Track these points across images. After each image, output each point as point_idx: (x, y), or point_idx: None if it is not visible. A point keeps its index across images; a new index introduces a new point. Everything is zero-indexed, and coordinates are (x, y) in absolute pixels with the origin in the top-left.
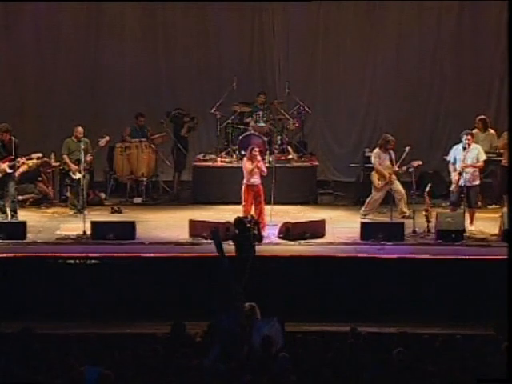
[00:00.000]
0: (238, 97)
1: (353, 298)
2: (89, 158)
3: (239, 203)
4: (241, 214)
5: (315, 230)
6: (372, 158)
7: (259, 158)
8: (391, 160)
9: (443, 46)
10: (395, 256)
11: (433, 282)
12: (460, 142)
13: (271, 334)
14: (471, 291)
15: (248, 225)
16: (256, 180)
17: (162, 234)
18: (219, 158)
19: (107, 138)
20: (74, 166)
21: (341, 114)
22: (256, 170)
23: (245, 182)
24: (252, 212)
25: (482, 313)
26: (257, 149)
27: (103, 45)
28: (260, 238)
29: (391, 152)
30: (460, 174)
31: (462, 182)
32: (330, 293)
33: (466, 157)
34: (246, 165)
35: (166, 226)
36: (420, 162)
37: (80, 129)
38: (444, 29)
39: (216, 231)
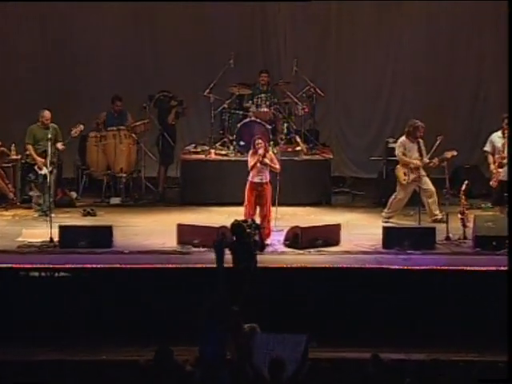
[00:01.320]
0: (235, 76)
1: (373, 317)
2: (60, 146)
3: (237, 204)
4: (241, 217)
5: (328, 236)
6: (397, 149)
7: (261, 151)
8: (420, 151)
9: (481, 21)
10: (424, 268)
11: (470, 298)
12: (500, 128)
13: (282, 355)
14: None
15: (248, 230)
16: (262, 178)
17: (144, 242)
18: (213, 150)
19: (81, 126)
20: (39, 159)
21: (359, 97)
22: (260, 165)
23: (249, 178)
24: (256, 215)
25: None
26: (260, 141)
27: (76, 15)
28: (262, 246)
29: (420, 141)
30: (500, 165)
31: (502, 176)
32: (346, 311)
33: (507, 145)
34: (249, 159)
35: (150, 231)
36: (455, 153)
37: (47, 113)
38: (481, 1)
39: (221, 241)
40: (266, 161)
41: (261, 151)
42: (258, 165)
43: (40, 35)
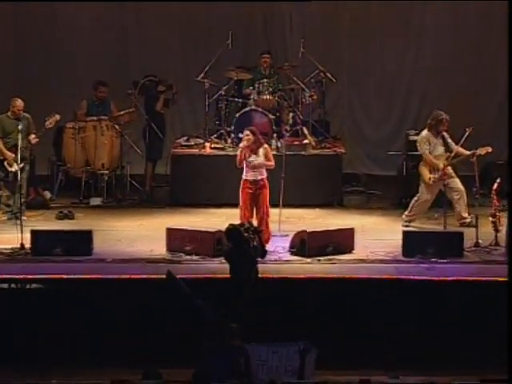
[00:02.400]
0: (233, 59)
1: (392, 336)
2: (33, 139)
3: (236, 205)
4: (236, 221)
5: (340, 242)
6: (420, 146)
7: (243, 143)
8: (446, 146)
9: None
10: (451, 279)
11: (503, 313)
12: None
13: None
14: None
15: (245, 234)
16: (256, 174)
17: (129, 249)
18: (208, 144)
19: (57, 116)
20: (9, 154)
21: (376, 83)
22: (247, 162)
23: (242, 176)
24: (253, 218)
25: None
26: (248, 132)
27: None
28: (263, 253)
29: (445, 135)
30: None
31: None
32: (361, 329)
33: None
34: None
35: (135, 236)
36: (489, 149)
37: (19, 102)
38: None
39: (171, 274)
40: (257, 159)
41: (242, 144)
42: (245, 162)
43: (12, 17)
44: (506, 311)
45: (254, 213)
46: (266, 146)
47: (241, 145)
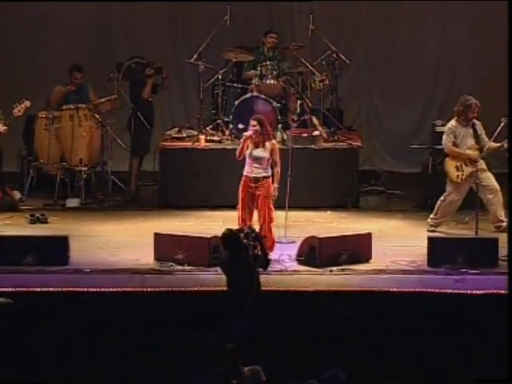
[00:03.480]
0: (232, 38)
1: (415, 355)
2: (1, 128)
3: (235, 207)
4: (235, 225)
5: (356, 250)
6: (445, 135)
7: (249, 132)
8: (477, 137)
9: None
10: (483, 292)
11: None
12: None
13: None
14: None
15: (245, 241)
16: (258, 171)
17: (111, 258)
18: (203, 136)
19: (27, 103)
20: None
21: (397, 65)
22: (249, 157)
23: (244, 172)
24: (252, 221)
25: None
26: (255, 122)
27: None
28: (265, 263)
29: (477, 124)
30: None
31: None
32: (379, 348)
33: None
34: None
35: (118, 243)
36: None
37: None
38: None
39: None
40: (261, 154)
41: (247, 133)
42: (247, 155)
43: None
44: None
45: (256, 216)
46: (274, 141)
47: (248, 133)
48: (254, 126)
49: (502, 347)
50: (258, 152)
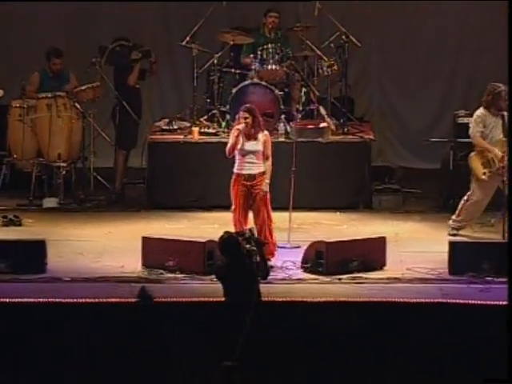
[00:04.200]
0: (229, 18)
1: (434, 374)
2: None
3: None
4: (232, 228)
5: (369, 255)
6: (473, 125)
7: (240, 126)
8: (505, 129)
9: None
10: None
11: None
12: None
13: None
14: None
15: (247, 246)
16: (252, 167)
17: (93, 265)
18: (196, 128)
19: (0, 92)
20: None
21: (414, 48)
22: (239, 151)
23: (234, 168)
24: (249, 224)
25: None
26: (247, 114)
27: None
28: (266, 271)
29: (506, 115)
30: None
31: None
32: (395, 365)
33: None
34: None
35: (102, 248)
36: None
37: None
38: None
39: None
40: (254, 147)
41: (240, 126)
42: (237, 151)
43: None
44: None
45: (252, 218)
46: (266, 132)
47: (236, 126)
48: (245, 118)
49: None
50: (252, 145)
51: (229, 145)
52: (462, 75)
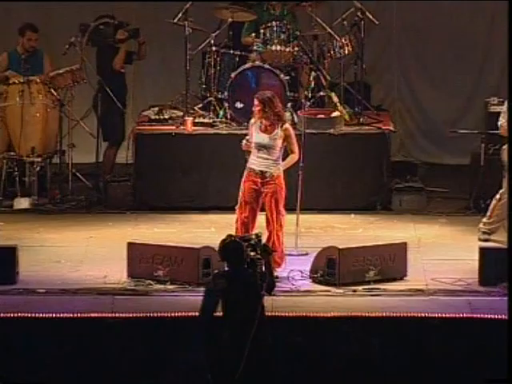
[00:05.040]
0: None
1: None
2: None
3: (232, 209)
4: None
5: (387, 264)
6: (501, 117)
7: (257, 115)
8: None
9: None
10: None
11: None
12: None
13: None
14: None
15: (251, 254)
16: (266, 164)
17: (72, 273)
18: (190, 118)
19: None
20: None
21: (440, 26)
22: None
23: (248, 163)
24: (255, 226)
25: None
26: (257, 102)
27: None
28: (271, 285)
29: None
30: None
31: None
32: None
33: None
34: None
35: (81, 256)
36: None
37: None
38: None
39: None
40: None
41: (257, 115)
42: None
43: None
44: None
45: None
46: (287, 125)
47: (257, 116)
48: (257, 106)
49: None
50: (263, 138)
51: (244, 141)
52: (494, 59)
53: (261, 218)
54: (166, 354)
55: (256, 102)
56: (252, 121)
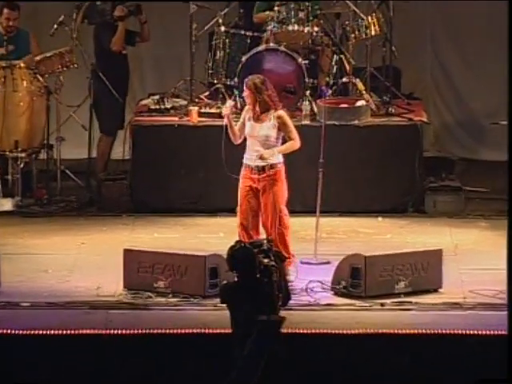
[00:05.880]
0: None
1: None
2: None
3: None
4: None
5: (420, 274)
6: None
7: (227, 105)
8: None
9: None
10: None
11: None
12: None
13: None
14: None
15: (265, 261)
16: (255, 156)
17: (61, 284)
18: (195, 108)
19: None
20: None
21: (484, 5)
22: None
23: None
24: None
25: None
26: (245, 87)
27: None
28: (286, 296)
29: None
30: None
31: None
32: None
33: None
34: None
35: (72, 264)
36: None
37: None
38: None
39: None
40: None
41: (227, 106)
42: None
43: None
44: None
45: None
46: (280, 112)
47: (225, 106)
48: (245, 92)
49: None
50: (256, 128)
51: (231, 130)
52: None
53: None
54: (166, 376)
55: (244, 87)
56: (246, 108)
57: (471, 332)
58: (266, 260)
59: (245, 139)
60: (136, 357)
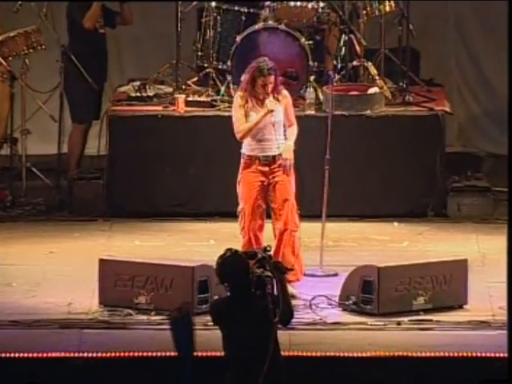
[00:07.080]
0: None
1: None
2: None
3: (235, 216)
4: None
5: (442, 288)
6: None
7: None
8: None
9: None
10: None
11: None
12: None
13: None
14: None
15: (258, 271)
16: (270, 146)
17: (27, 300)
18: (182, 96)
19: None
20: None
21: None
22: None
23: (242, 149)
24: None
25: None
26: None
27: None
28: (288, 312)
29: None
30: None
31: None
32: None
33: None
34: (234, 111)
35: (40, 277)
36: None
37: None
38: None
39: (182, 314)
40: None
41: (271, 100)
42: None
43: None
44: None
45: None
46: (285, 92)
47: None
48: (271, 83)
49: None
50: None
51: (236, 125)
52: None
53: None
54: None
55: (268, 73)
56: (239, 94)
57: (501, 355)
58: (259, 271)
59: None
60: (113, 383)
